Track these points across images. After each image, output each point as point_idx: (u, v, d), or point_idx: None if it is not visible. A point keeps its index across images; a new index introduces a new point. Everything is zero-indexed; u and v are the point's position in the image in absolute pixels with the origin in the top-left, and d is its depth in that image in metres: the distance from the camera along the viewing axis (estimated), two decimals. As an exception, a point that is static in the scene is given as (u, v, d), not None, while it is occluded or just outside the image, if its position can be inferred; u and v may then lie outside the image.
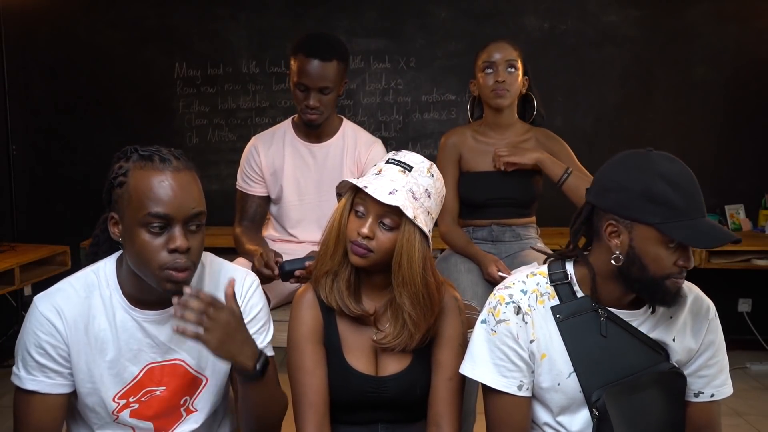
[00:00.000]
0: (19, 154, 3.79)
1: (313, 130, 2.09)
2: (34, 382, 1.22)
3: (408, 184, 1.33)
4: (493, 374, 1.29)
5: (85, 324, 1.23)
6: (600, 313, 1.27)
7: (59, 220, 3.81)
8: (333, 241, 1.38)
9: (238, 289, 1.31)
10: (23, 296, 3.68)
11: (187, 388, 1.32)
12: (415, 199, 1.33)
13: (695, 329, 1.31)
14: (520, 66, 2.13)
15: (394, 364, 1.42)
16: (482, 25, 3.71)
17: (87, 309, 1.24)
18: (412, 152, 1.39)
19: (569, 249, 1.33)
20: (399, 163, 1.35)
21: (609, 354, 1.26)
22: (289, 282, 1.84)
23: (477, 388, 1.52)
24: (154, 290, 1.20)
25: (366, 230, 1.32)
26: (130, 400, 1.28)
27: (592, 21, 3.73)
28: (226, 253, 1.56)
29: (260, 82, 3.80)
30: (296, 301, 1.44)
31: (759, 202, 3.74)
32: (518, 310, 1.28)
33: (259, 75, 3.79)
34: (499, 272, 1.99)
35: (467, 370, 1.32)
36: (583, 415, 1.28)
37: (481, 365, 1.30)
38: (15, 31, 3.71)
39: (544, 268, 1.34)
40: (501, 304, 1.29)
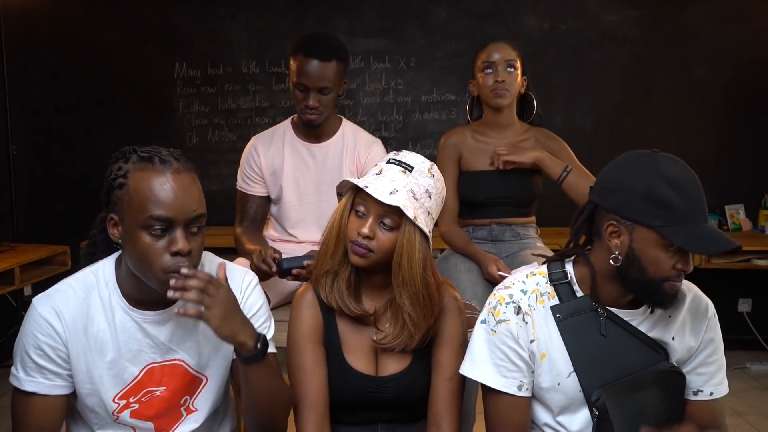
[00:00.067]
0: (19, 154, 3.80)
1: (313, 130, 2.08)
2: (33, 383, 1.22)
3: (409, 184, 1.33)
4: (493, 374, 1.29)
5: (84, 325, 1.23)
6: (600, 313, 1.27)
7: (59, 220, 3.81)
8: (333, 241, 1.38)
9: (237, 288, 1.30)
10: (23, 296, 3.68)
11: (187, 387, 1.32)
12: (416, 199, 1.33)
13: (695, 327, 1.31)
14: (519, 66, 2.14)
15: (394, 364, 1.42)
16: (482, 25, 3.71)
17: (86, 310, 1.24)
18: (412, 152, 1.39)
19: (570, 247, 1.33)
20: (400, 164, 1.35)
21: (609, 353, 1.26)
22: (287, 279, 1.84)
23: (477, 388, 1.52)
24: (153, 291, 1.20)
25: (366, 230, 1.32)
26: (130, 400, 1.28)
27: (592, 21, 3.73)
28: (226, 253, 1.56)
29: (260, 82, 3.80)
30: (296, 301, 1.44)
31: (759, 202, 3.74)
32: (518, 310, 1.28)
33: (259, 75, 3.79)
34: (499, 272, 1.99)
35: (467, 370, 1.32)
36: (583, 415, 1.28)
37: (481, 365, 1.30)
38: (15, 31, 3.71)
39: (544, 268, 1.34)
40: (501, 304, 1.29)
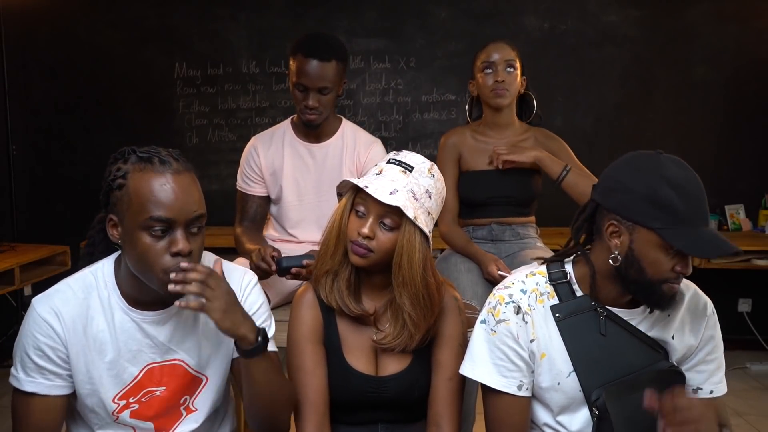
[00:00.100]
0: (19, 154, 3.80)
1: (313, 131, 2.08)
2: (33, 383, 1.22)
3: (409, 184, 1.33)
4: (493, 374, 1.29)
5: (84, 325, 1.23)
6: (599, 312, 1.27)
7: (59, 220, 3.81)
8: (333, 241, 1.38)
9: (236, 287, 1.30)
10: (23, 296, 3.68)
11: (186, 387, 1.32)
12: (416, 199, 1.33)
13: (694, 326, 1.31)
14: (518, 66, 2.14)
15: (394, 364, 1.41)
16: (482, 25, 3.71)
17: (85, 310, 1.24)
18: (413, 152, 1.39)
19: (570, 245, 1.33)
20: (400, 164, 1.35)
21: (608, 353, 1.26)
22: (286, 278, 1.84)
23: (477, 388, 1.52)
24: (153, 291, 1.20)
25: (366, 230, 1.32)
26: (130, 400, 1.28)
27: (592, 21, 3.73)
28: (226, 253, 1.56)
29: (260, 82, 3.80)
30: (296, 301, 1.44)
31: (759, 202, 3.74)
32: (518, 310, 1.28)
33: (259, 75, 3.79)
34: (499, 271, 1.99)
35: (467, 370, 1.32)
36: (583, 415, 1.28)
37: (481, 365, 1.30)
38: (15, 31, 3.71)
39: (543, 268, 1.34)
40: (501, 304, 1.29)
